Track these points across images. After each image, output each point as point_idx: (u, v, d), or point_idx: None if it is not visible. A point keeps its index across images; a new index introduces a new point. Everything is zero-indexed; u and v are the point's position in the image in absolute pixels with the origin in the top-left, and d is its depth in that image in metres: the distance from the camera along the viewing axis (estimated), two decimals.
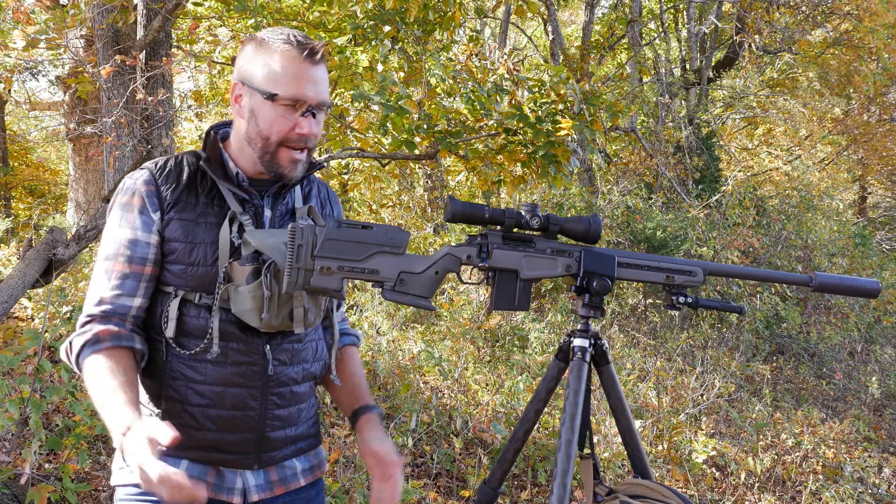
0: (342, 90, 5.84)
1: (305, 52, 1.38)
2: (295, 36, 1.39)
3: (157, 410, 1.42)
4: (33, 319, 4.84)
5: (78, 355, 1.35)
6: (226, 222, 1.39)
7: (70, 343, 1.37)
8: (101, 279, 1.39)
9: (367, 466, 1.52)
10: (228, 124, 1.52)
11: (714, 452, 4.09)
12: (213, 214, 1.40)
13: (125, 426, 1.21)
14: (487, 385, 4.84)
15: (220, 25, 7.23)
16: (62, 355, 1.40)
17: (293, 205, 1.52)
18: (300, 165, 1.43)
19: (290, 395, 1.48)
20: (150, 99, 4.12)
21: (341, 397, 1.61)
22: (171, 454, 1.35)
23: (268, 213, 1.46)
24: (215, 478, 1.42)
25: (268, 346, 1.43)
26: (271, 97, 1.37)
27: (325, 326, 1.61)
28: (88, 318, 1.38)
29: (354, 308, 6.29)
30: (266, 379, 1.43)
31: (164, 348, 1.39)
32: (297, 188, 1.54)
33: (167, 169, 1.42)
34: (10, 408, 2.55)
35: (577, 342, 1.67)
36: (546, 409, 3.36)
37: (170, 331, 1.37)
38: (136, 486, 1.33)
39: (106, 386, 1.30)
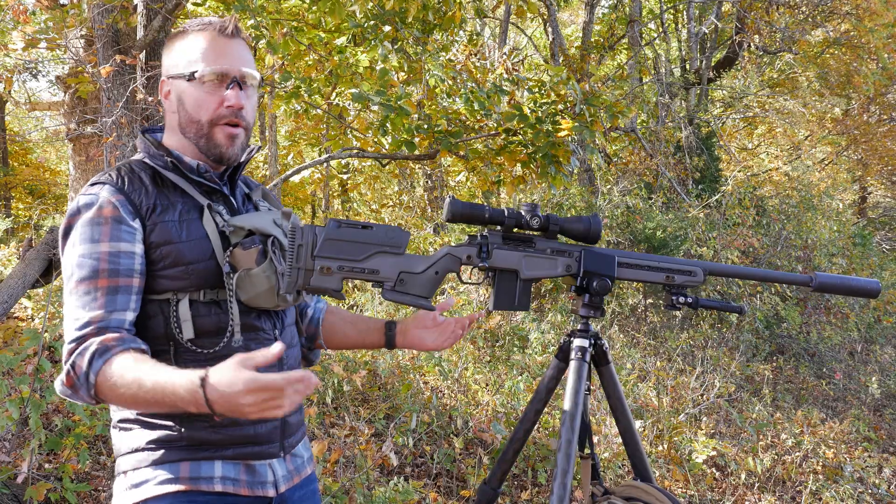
0: (342, 90, 5.84)
1: (218, 29, 1.41)
2: (210, 19, 1.41)
3: (179, 418, 1.33)
4: (33, 319, 4.84)
5: (87, 373, 1.23)
6: (207, 214, 1.38)
7: (71, 368, 1.24)
8: (83, 302, 1.27)
9: (420, 336, 1.62)
10: (158, 129, 1.51)
11: (714, 452, 4.09)
12: (191, 211, 1.38)
13: (197, 378, 1.13)
14: (487, 385, 4.83)
15: None
16: (60, 388, 1.26)
17: (245, 189, 1.54)
18: (238, 141, 1.42)
19: None
20: (150, 99, 4.12)
21: (358, 330, 1.66)
22: (206, 457, 1.34)
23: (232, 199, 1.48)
24: (248, 474, 1.39)
25: (276, 331, 1.44)
26: (191, 76, 1.38)
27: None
28: (79, 337, 1.26)
29: (354, 308, 6.28)
30: (280, 363, 1.44)
31: (174, 356, 1.33)
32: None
33: (126, 177, 1.35)
34: (10, 408, 2.55)
35: (577, 342, 1.67)
36: (546, 409, 3.36)
37: (188, 333, 1.32)
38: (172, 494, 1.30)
39: (143, 372, 1.20)
